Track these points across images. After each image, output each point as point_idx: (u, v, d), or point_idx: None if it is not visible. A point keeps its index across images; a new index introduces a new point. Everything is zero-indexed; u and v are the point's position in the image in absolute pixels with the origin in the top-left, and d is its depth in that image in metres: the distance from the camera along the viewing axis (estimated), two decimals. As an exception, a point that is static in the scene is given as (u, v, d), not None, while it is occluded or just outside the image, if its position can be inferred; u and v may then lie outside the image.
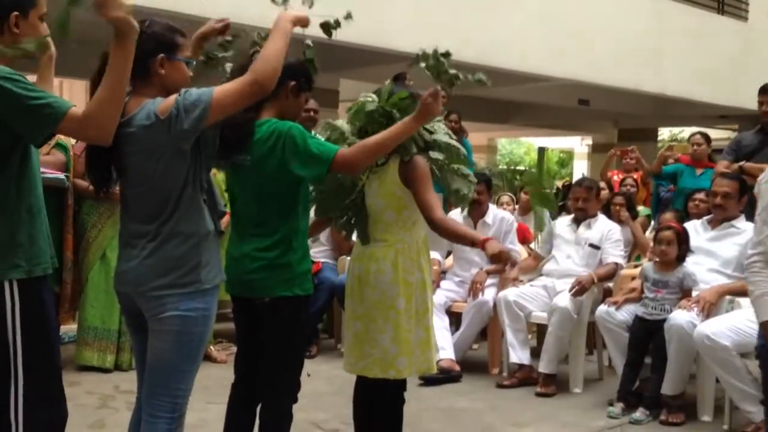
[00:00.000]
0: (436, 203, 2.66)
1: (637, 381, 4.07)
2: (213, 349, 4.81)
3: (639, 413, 3.88)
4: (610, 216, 5.35)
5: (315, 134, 2.78)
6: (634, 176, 7.08)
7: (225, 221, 2.58)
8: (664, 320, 3.88)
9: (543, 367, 4.37)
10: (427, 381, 4.35)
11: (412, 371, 2.79)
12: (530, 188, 6.79)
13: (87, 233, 4.51)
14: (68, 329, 4.99)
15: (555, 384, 4.40)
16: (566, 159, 27.14)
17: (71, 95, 10.73)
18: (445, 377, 4.47)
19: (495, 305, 4.65)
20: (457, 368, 4.59)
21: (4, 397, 2.03)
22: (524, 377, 4.50)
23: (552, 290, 4.59)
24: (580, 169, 21.14)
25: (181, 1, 4.95)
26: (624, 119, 14.38)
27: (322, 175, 2.44)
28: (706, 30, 11.16)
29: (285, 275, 2.46)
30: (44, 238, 2.11)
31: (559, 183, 17.14)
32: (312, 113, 4.68)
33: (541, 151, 12.69)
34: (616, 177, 7.39)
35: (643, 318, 4.03)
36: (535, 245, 5.05)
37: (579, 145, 23.20)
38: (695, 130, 6.76)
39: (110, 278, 4.09)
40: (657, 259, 4.14)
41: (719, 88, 11.17)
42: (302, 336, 2.65)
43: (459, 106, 7.84)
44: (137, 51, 1.98)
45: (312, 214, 2.78)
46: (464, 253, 4.97)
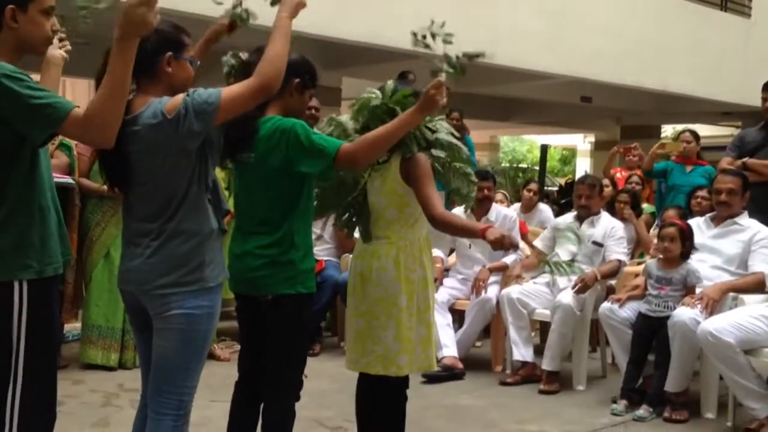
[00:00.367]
0: (437, 200, 2.65)
1: (641, 378, 4.06)
2: (217, 348, 4.81)
3: (642, 410, 3.88)
4: (614, 213, 5.35)
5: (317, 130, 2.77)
6: (638, 173, 7.07)
7: (227, 220, 2.58)
8: (668, 317, 3.88)
9: (546, 365, 4.38)
10: (430, 378, 4.36)
11: (414, 369, 2.79)
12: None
13: (91, 232, 4.51)
14: (72, 327, 5.00)
15: (558, 381, 4.40)
16: (569, 156, 27.13)
17: (74, 94, 10.72)
18: (448, 375, 4.48)
19: (498, 303, 4.66)
20: (460, 366, 4.60)
21: (1, 395, 2.01)
22: (527, 375, 4.50)
23: (555, 288, 4.59)
24: (583, 167, 21.13)
25: (182, 1, 4.95)
26: (626, 116, 14.35)
27: (326, 171, 2.44)
28: (709, 26, 11.13)
29: (288, 273, 2.46)
30: (55, 239, 2.10)
31: (562, 180, 17.13)
32: (314, 111, 4.66)
33: (544, 149, 12.68)
34: (619, 174, 7.38)
35: (647, 315, 4.02)
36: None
37: (581, 143, 23.17)
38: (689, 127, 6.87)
39: (114, 277, 4.07)
40: (660, 256, 4.13)
41: (722, 85, 11.13)
42: (305, 334, 2.65)
43: (461, 104, 7.84)
44: (145, 49, 1.98)
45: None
46: (467, 251, 4.98)
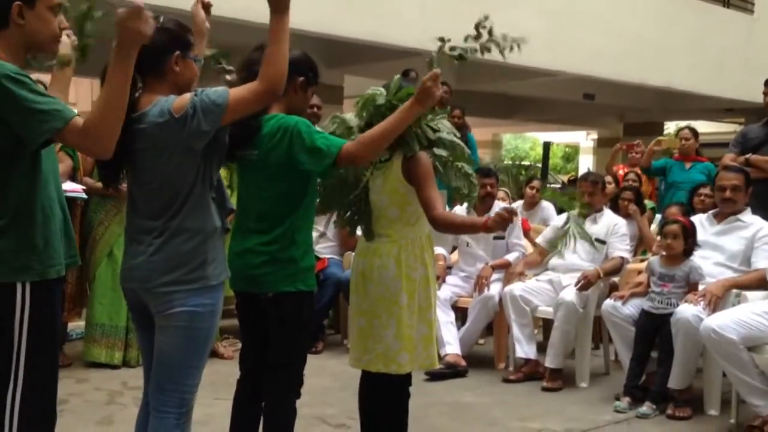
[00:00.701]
0: (438, 200, 2.65)
1: (644, 375, 4.06)
2: (220, 346, 4.82)
3: (646, 407, 3.88)
4: (618, 210, 5.34)
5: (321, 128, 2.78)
6: (638, 170, 7.06)
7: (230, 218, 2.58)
8: (671, 314, 3.87)
9: (549, 362, 4.37)
10: (433, 376, 4.36)
11: (414, 367, 2.79)
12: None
13: (94, 230, 4.52)
14: (76, 326, 5.01)
15: (561, 378, 4.39)
16: (572, 154, 27.11)
17: (77, 95, 10.74)
18: (451, 372, 4.48)
19: (501, 300, 4.65)
20: (463, 363, 4.60)
21: (0, 396, 2.01)
22: (530, 372, 4.50)
23: (558, 285, 4.59)
24: (586, 164, 21.10)
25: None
26: (629, 113, 14.33)
27: (328, 169, 2.43)
28: (712, 23, 11.11)
29: (289, 270, 2.46)
30: (59, 240, 2.09)
31: (565, 178, 17.13)
32: (315, 109, 4.65)
33: (547, 146, 12.66)
34: (622, 171, 7.37)
35: (650, 312, 4.02)
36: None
37: (584, 140, 23.15)
38: (691, 124, 6.89)
39: (117, 275, 4.06)
40: (663, 253, 4.13)
41: (725, 81, 11.11)
42: (305, 332, 2.65)
43: (463, 101, 7.83)
44: (153, 47, 1.98)
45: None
46: (469, 249, 4.98)
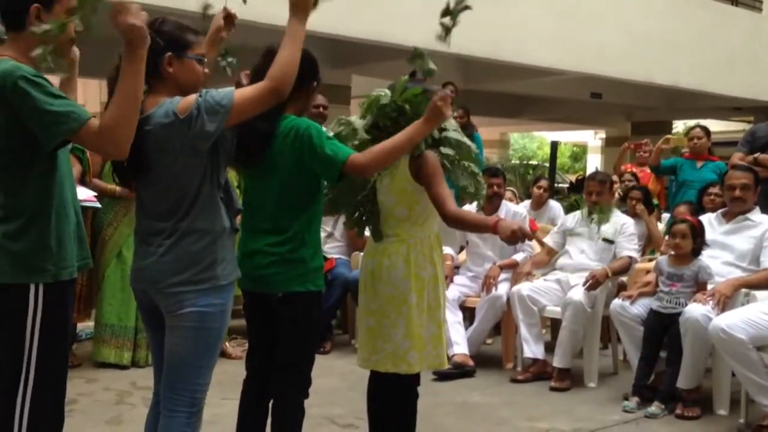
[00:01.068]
0: (449, 197, 2.65)
1: (652, 375, 4.05)
2: (228, 346, 4.83)
3: (654, 407, 3.87)
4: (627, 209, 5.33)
5: (327, 130, 2.79)
6: (637, 171, 7.04)
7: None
8: (679, 314, 3.86)
9: (557, 362, 4.37)
10: (441, 376, 4.36)
11: (424, 366, 2.79)
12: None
13: (103, 231, 4.54)
14: (85, 326, 5.03)
15: (569, 378, 4.39)
16: (579, 153, 27.05)
17: (85, 95, 10.81)
18: (459, 372, 4.48)
19: (508, 300, 4.65)
20: (471, 363, 4.60)
21: (11, 396, 2.03)
22: (538, 372, 4.50)
23: (566, 284, 4.58)
24: (594, 163, 21.07)
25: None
26: (637, 112, 14.30)
27: (334, 178, 2.45)
28: (720, 21, 11.06)
29: (298, 270, 2.48)
30: (72, 242, 2.11)
31: (573, 177, 17.08)
32: (321, 109, 4.63)
33: (554, 145, 12.62)
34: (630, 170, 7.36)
35: (658, 312, 4.01)
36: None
37: (592, 139, 23.11)
38: (700, 122, 6.78)
39: (126, 276, 4.12)
40: (672, 253, 4.12)
41: (733, 80, 11.07)
42: (314, 331, 2.66)
43: (470, 101, 7.84)
44: (149, 50, 1.99)
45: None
46: (477, 248, 4.98)
